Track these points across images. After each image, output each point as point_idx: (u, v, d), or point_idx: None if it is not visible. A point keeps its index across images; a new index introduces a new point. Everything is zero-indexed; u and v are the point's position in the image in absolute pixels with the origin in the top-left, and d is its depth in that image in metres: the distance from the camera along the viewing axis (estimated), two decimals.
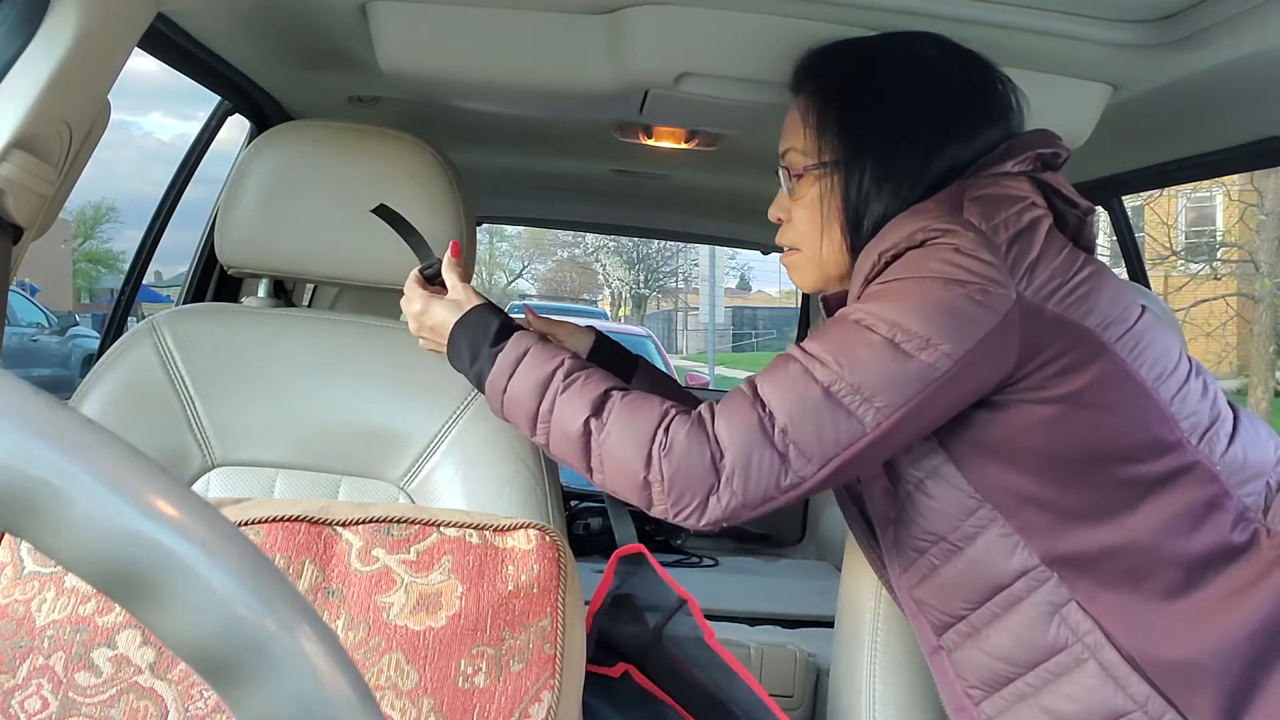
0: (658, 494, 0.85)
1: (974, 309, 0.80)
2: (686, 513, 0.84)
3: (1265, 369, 9.97)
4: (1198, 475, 0.83)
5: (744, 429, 0.83)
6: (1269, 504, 0.85)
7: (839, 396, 0.81)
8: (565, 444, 0.90)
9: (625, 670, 1.15)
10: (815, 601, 1.91)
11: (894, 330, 0.81)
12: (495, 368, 0.94)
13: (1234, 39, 1.00)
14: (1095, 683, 0.82)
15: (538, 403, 0.91)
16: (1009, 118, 0.95)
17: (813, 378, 0.82)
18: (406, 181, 1.11)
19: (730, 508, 0.83)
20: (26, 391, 0.27)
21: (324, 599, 0.89)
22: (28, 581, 0.89)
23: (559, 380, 0.91)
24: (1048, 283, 0.83)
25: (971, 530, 0.87)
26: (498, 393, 0.94)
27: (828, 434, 0.81)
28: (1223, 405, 0.88)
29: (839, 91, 0.96)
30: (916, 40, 0.97)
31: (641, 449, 0.85)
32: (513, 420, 0.94)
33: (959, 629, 0.91)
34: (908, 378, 0.80)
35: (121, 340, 1.11)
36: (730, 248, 12.56)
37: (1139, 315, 0.86)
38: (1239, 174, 7.62)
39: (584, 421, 0.88)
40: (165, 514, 0.27)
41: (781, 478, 0.82)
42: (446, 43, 1.13)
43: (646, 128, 1.52)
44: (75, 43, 0.83)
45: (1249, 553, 0.82)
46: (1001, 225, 0.84)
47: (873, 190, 0.92)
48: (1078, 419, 0.82)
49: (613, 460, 0.87)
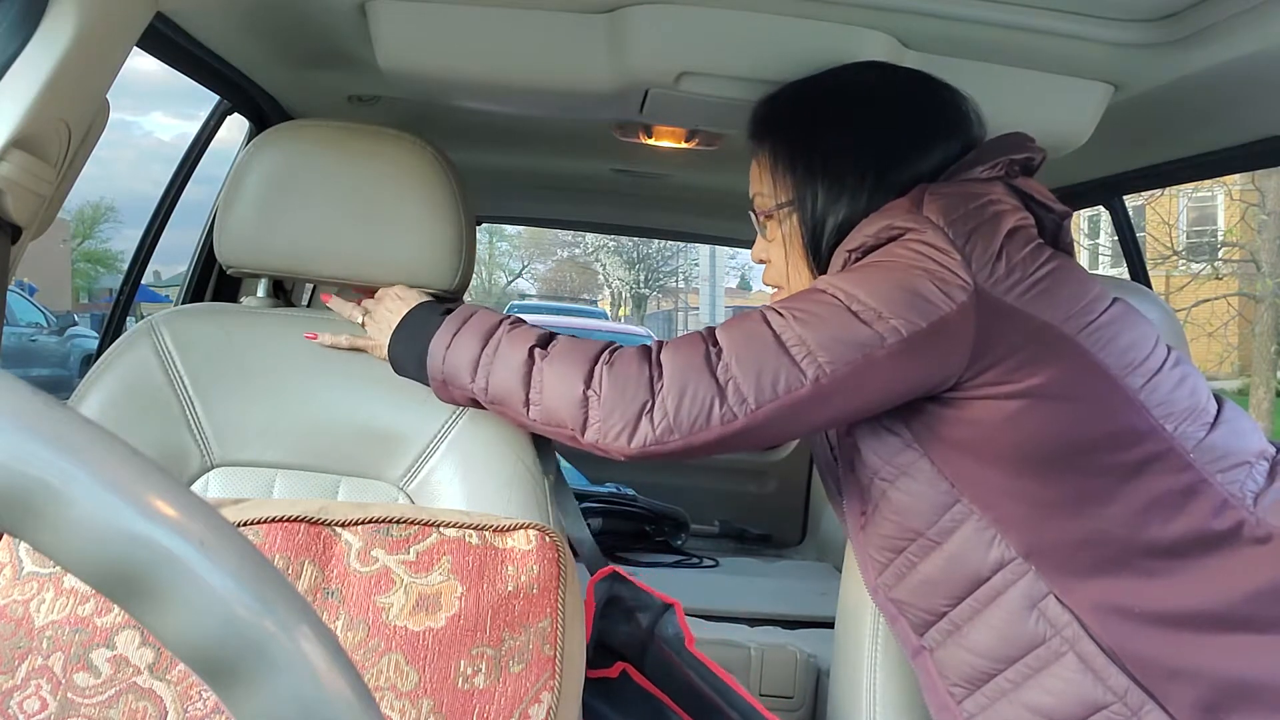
0: (593, 410, 0.88)
1: (932, 293, 0.83)
2: (617, 430, 0.87)
3: (1267, 369, 9.97)
4: (1172, 463, 0.84)
5: (687, 357, 0.87)
6: (1259, 493, 0.85)
7: (786, 344, 0.85)
8: (506, 374, 0.94)
9: (623, 669, 1.15)
10: (815, 602, 1.91)
11: (851, 299, 0.85)
12: (442, 327, 0.99)
13: (1235, 39, 1.00)
14: (1074, 675, 0.83)
15: (481, 346, 0.96)
16: (965, 129, 0.98)
17: (767, 323, 0.86)
18: (406, 181, 1.11)
19: (660, 430, 0.86)
20: (25, 392, 0.27)
21: (323, 599, 0.89)
22: (26, 582, 0.89)
23: (505, 326, 0.97)
24: (1007, 276, 0.85)
25: (949, 525, 0.88)
26: (441, 350, 0.98)
27: (767, 377, 0.84)
28: (1203, 396, 0.89)
29: (784, 132, 1.01)
30: (858, 71, 1.01)
31: (585, 365, 0.90)
32: (453, 376, 0.98)
33: (940, 627, 0.92)
34: (855, 341, 0.83)
35: (120, 340, 1.11)
36: (730, 248, 12.57)
37: (1106, 307, 0.88)
38: (1240, 174, 7.63)
39: (529, 350, 0.93)
40: (164, 514, 0.27)
41: (715, 408, 0.85)
42: (446, 42, 1.13)
43: (647, 127, 1.52)
44: (74, 42, 0.83)
45: (1230, 541, 0.82)
46: (960, 220, 0.87)
47: (827, 213, 0.96)
48: (1044, 410, 0.84)
49: (554, 378, 0.91)
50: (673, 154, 1.74)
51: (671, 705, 1.15)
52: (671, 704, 1.15)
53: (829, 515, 2.42)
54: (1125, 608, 0.82)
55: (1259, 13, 0.95)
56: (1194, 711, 0.79)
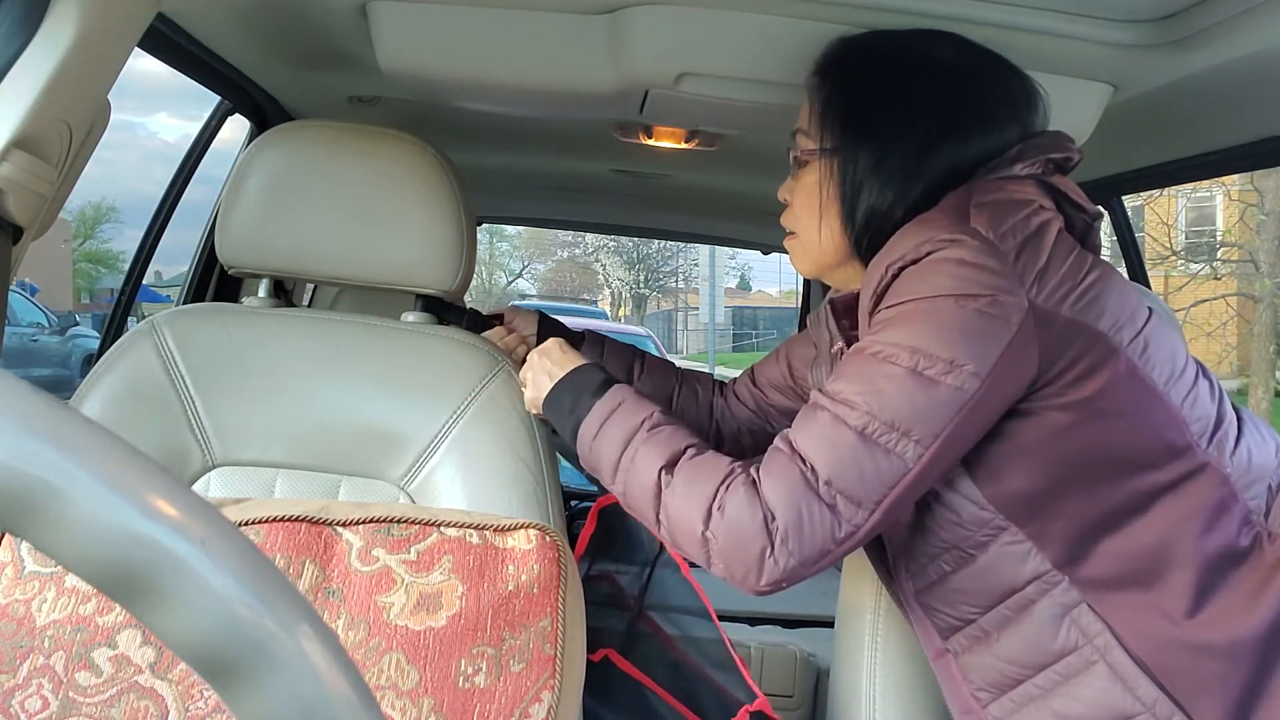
0: (714, 552, 0.85)
1: (989, 324, 0.80)
2: (743, 573, 0.83)
3: (1265, 369, 9.97)
4: (1208, 478, 0.82)
5: (789, 486, 0.81)
6: (1269, 507, 0.85)
7: (875, 437, 0.80)
8: (639, 493, 0.90)
9: (605, 654, 1.15)
10: (816, 601, 1.91)
11: (915, 358, 0.80)
12: (591, 414, 0.96)
13: (1234, 39, 1.00)
14: (1104, 685, 0.82)
15: (621, 451, 0.92)
16: (1025, 120, 0.95)
17: (844, 423, 0.81)
18: (406, 181, 1.11)
19: (788, 568, 0.81)
20: (26, 391, 0.27)
21: (324, 599, 0.89)
22: (28, 581, 0.89)
23: (644, 431, 0.92)
24: (1058, 287, 0.82)
25: (984, 539, 0.86)
26: (588, 439, 0.95)
27: (871, 477, 0.80)
28: (1227, 407, 0.88)
29: (848, 81, 0.97)
30: (934, 40, 0.97)
31: (702, 506, 0.85)
32: (596, 469, 0.96)
33: (968, 632, 0.90)
34: (939, 405, 0.79)
35: (122, 340, 1.11)
36: (730, 248, 12.56)
37: (1147, 318, 0.86)
38: (1239, 174, 7.62)
39: (658, 473, 0.89)
40: (165, 514, 0.27)
41: (835, 529, 0.81)
42: (446, 43, 1.13)
43: (647, 127, 1.52)
44: (75, 42, 0.83)
45: (1252, 557, 0.82)
46: (1009, 232, 0.83)
47: (866, 179, 0.93)
48: (1092, 426, 0.82)
49: (677, 515, 0.87)
50: (673, 154, 1.74)
51: (655, 688, 1.15)
52: (655, 686, 1.15)
53: None
54: (1157, 620, 0.81)
55: (1259, 13, 0.95)
56: None
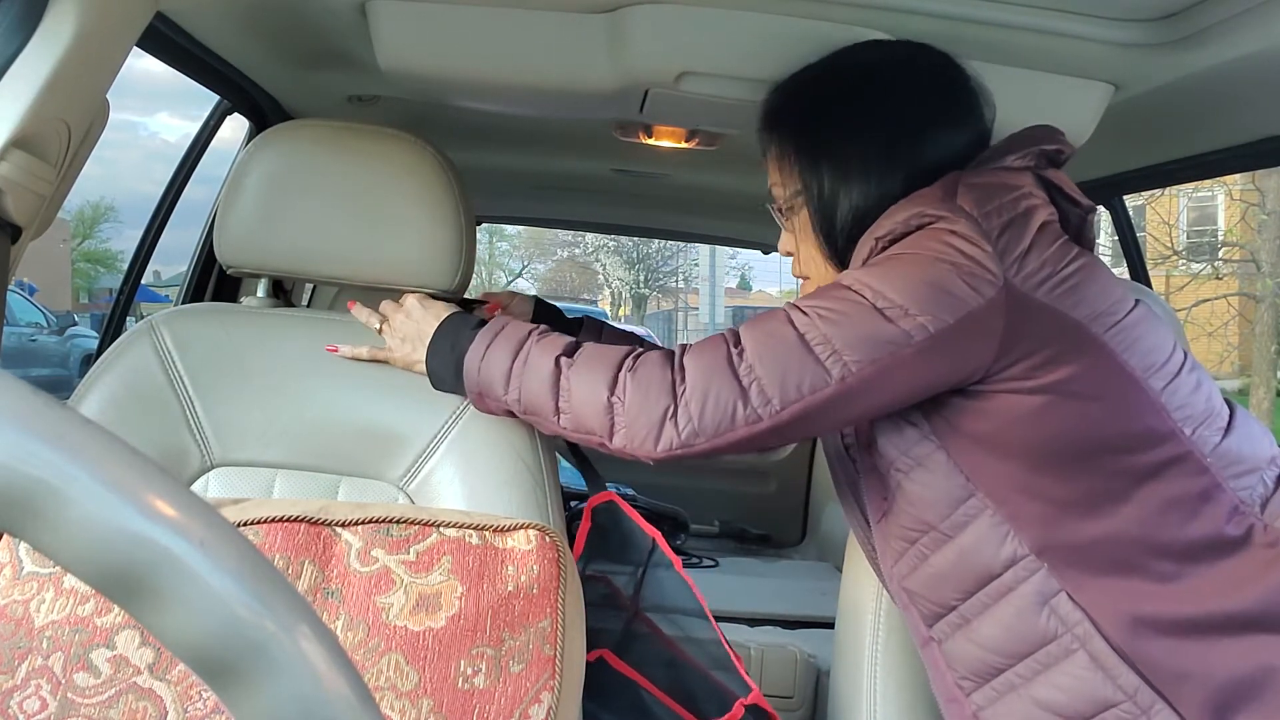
0: (619, 416, 0.89)
1: (960, 288, 0.82)
2: (643, 436, 0.88)
3: (1267, 369, 9.96)
4: (1189, 466, 0.83)
5: (710, 360, 0.87)
6: (1266, 499, 0.85)
7: (811, 343, 0.84)
8: (536, 386, 0.94)
9: (600, 655, 1.15)
10: (816, 602, 1.91)
11: (877, 296, 0.84)
12: (475, 341, 0.99)
13: (1235, 39, 1.00)
14: (1085, 673, 0.83)
15: (512, 360, 0.96)
16: (973, 107, 0.97)
17: (790, 323, 0.86)
18: (406, 181, 1.11)
19: (685, 433, 0.86)
20: (25, 391, 0.27)
21: (323, 599, 0.89)
22: (26, 582, 0.89)
23: (534, 337, 0.97)
24: (1037, 272, 0.84)
25: (962, 519, 0.88)
26: (476, 362, 0.98)
27: (792, 377, 0.84)
28: (1218, 402, 0.89)
29: (787, 121, 1.01)
30: (856, 51, 1.00)
31: (609, 372, 0.90)
32: (488, 387, 0.98)
33: (949, 619, 0.91)
34: (881, 339, 0.83)
35: (120, 340, 1.11)
36: (730, 248, 12.57)
37: (1130, 309, 0.88)
38: (1240, 173, 7.63)
39: (555, 360, 0.93)
40: (164, 514, 0.27)
41: (739, 410, 0.85)
42: (446, 42, 1.13)
43: (647, 127, 1.51)
44: (74, 42, 0.83)
45: (1243, 547, 0.82)
46: (994, 212, 0.85)
47: (836, 197, 0.96)
48: (1066, 409, 0.83)
49: (580, 385, 0.91)
50: (673, 154, 1.74)
51: (650, 688, 1.15)
52: (650, 686, 1.14)
53: (829, 515, 2.42)
54: (1137, 608, 0.82)
55: (1259, 13, 0.95)
56: (1204, 711, 0.79)
